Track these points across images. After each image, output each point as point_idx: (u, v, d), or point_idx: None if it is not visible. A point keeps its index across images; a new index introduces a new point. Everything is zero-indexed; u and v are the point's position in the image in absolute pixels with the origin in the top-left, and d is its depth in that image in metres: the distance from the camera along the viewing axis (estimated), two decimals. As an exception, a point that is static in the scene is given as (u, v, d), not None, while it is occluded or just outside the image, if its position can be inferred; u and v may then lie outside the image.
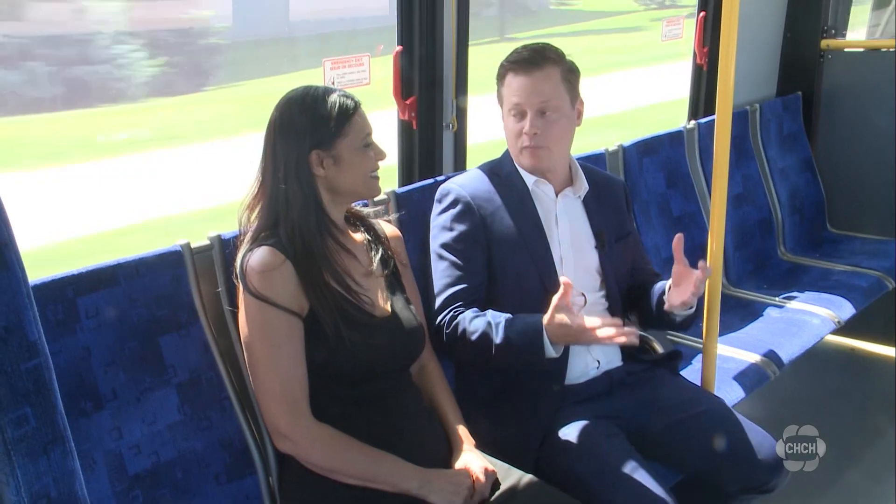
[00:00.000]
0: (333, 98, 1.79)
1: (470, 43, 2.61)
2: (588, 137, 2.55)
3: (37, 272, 1.62)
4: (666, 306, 2.05)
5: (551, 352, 1.90)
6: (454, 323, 2.01)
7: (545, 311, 1.88)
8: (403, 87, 2.55)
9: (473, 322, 1.98)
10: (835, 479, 2.91)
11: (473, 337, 1.97)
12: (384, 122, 2.47)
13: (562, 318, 1.84)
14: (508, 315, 1.97)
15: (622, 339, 1.83)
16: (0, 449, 1.01)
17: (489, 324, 1.96)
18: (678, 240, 2.00)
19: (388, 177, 1.96)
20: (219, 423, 1.87)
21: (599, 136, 3.75)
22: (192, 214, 6.04)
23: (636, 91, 10.57)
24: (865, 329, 3.58)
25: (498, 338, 1.93)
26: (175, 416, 1.81)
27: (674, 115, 6.40)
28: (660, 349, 2.34)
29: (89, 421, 1.69)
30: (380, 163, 1.86)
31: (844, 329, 3.10)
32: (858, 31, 4.29)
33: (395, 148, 2.62)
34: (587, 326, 1.83)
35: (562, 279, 1.86)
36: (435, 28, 2.51)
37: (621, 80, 11.27)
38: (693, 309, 2.07)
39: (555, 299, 1.86)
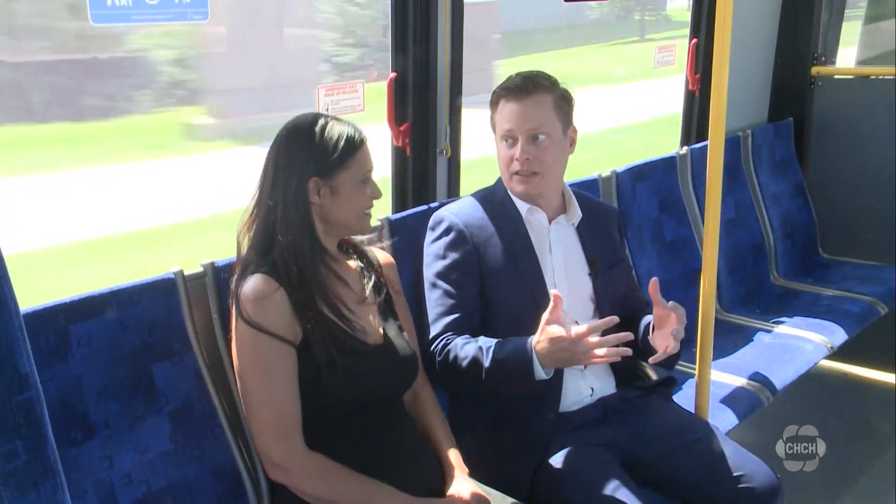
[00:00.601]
0: (342, 129, 1.80)
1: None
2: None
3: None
4: (650, 359, 2.03)
5: (541, 374, 1.89)
6: (446, 350, 2.01)
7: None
8: (397, 114, 2.56)
9: (465, 348, 1.98)
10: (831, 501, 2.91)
11: (464, 363, 1.96)
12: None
13: (554, 330, 1.84)
14: (499, 339, 1.97)
15: (616, 358, 1.84)
16: (-10, 484, 1.00)
17: (480, 348, 1.96)
18: (654, 284, 1.99)
19: (382, 203, 1.97)
20: (211, 451, 1.86)
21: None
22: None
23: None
24: (858, 354, 3.58)
25: (488, 361, 1.93)
26: (167, 444, 1.80)
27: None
28: (654, 375, 2.33)
29: (80, 450, 1.67)
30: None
31: (837, 354, 3.11)
32: (849, 49, 4.34)
33: (389, 174, 2.62)
34: (580, 333, 1.82)
35: (551, 292, 1.86)
36: (429, 55, 2.52)
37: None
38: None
39: (545, 315, 1.86)
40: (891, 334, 3.45)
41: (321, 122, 1.80)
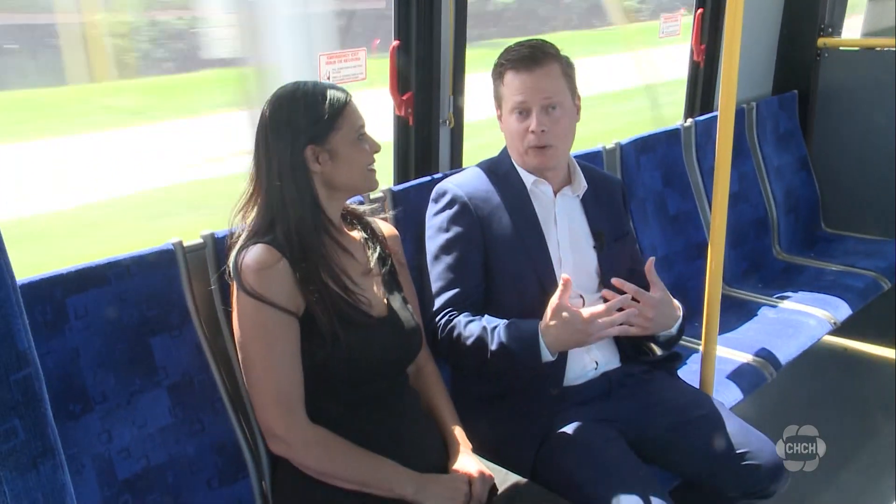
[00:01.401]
0: (325, 92, 1.76)
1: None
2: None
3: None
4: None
5: (548, 355, 1.88)
6: (449, 327, 1.98)
7: (543, 314, 1.86)
8: (400, 83, 2.51)
9: (468, 327, 1.95)
10: (833, 479, 2.91)
11: (468, 342, 1.94)
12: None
13: (565, 314, 1.82)
14: (504, 320, 1.94)
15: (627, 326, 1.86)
16: (-13, 463, 0.97)
17: (484, 329, 1.93)
18: (650, 264, 1.99)
19: (384, 174, 1.93)
20: (211, 425, 1.83)
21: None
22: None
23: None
24: (860, 330, 3.56)
25: (494, 343, 1.91)
26: (166, 418, 1.77)
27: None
28: (658, 350, 2.31)
29: (77, 424, 1.65)
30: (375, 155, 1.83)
31: (840, 329, 3.09)
32: (854, 18, 4.28)
33: (391, 144, 2.58)
34: (595, 313, 1.82)
35: (562, 276, 1.84)
36: (433, 23, 2.46)
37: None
38: (675, 329, 2.07)
39: (554, 299, 1.84)
40: (893, 310, 3.43)
41: (302, 89, 1.76)
